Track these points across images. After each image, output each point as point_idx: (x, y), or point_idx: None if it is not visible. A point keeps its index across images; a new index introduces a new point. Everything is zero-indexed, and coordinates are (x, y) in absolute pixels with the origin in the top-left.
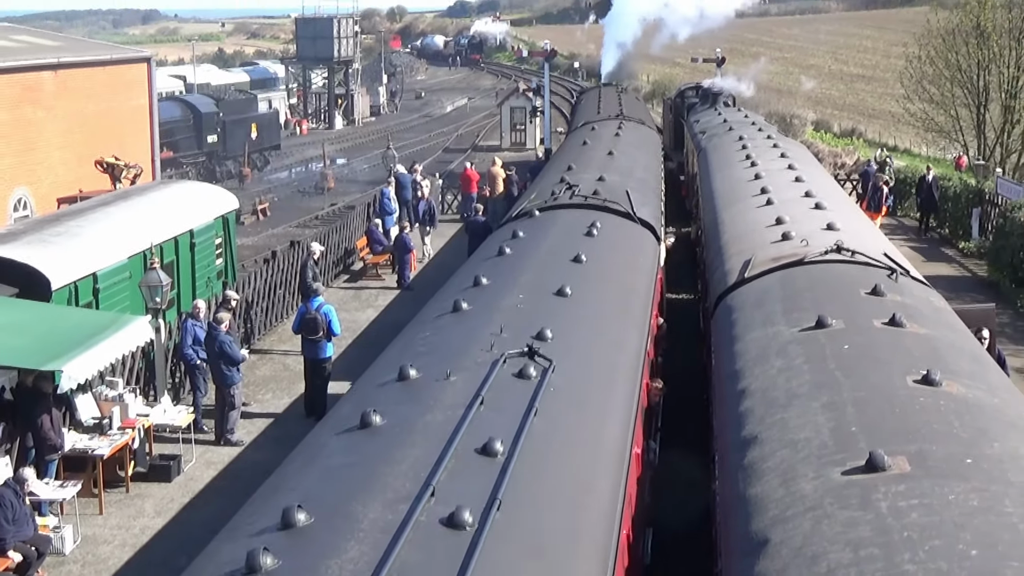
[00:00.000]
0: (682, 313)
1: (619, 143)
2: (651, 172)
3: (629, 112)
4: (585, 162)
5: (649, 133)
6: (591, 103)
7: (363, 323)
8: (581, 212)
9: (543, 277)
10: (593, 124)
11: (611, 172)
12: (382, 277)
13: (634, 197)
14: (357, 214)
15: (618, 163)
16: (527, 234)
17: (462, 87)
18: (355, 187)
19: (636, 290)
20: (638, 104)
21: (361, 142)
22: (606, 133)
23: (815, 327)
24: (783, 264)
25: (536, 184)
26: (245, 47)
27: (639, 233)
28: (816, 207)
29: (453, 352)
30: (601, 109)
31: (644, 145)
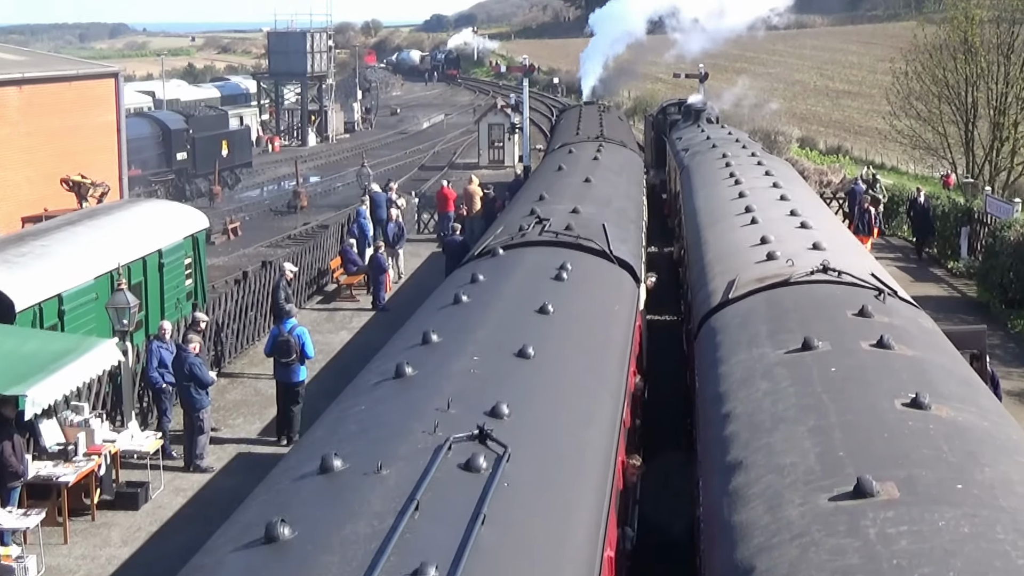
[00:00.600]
0: (665, 335)
1: (597, 168)
2: (631, 201)
3: (610, 133)
4: (559, 190)
5: (630, 156)
6: (570, 123)
7: (337, 345)
8: (551, 251)
9: (503, 333)
10: (571, 146)
11: (587, 202)
12: (356, 298)
13: (611, 232)
14: (331, 233)
15: (595, 192)
16: (488, 278)
17: (439, 103)
18: (329, 206)
19: (611, 345)
20: (620, 124)
21: (335, 160)
22: (584, 156)
23: (801, 349)
24: (768, 285)
25: (503, 216)
26: (216, 62)
27: (615, 275)
28: (802, 226)
29: (389, 433)
30: (580, 130)
31: (625, 170)
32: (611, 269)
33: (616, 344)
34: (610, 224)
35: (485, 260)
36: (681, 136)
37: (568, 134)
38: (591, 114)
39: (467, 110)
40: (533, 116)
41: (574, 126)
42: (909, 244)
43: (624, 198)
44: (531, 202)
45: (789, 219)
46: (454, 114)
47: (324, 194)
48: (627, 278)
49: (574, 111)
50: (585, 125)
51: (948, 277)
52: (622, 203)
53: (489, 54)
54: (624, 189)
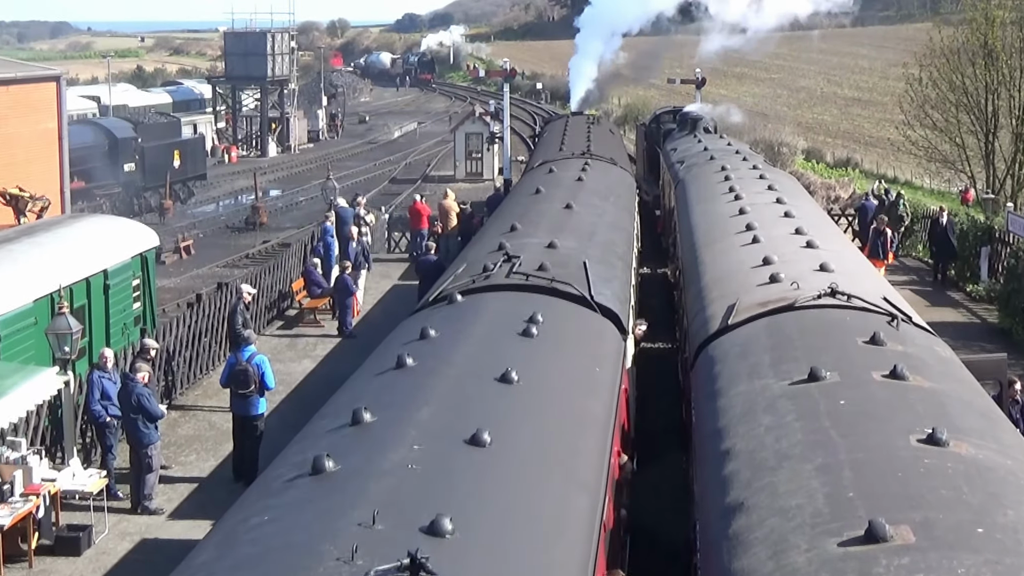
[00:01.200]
0: (658, 364)
1: (581, 191)
2: (620, 232)
3: (598, 149)
4: (534, 219)
5: (621, 176)
6: (554, 137)
7: (299, 375)
8: (520, 297)
9: (453, 412)
10: (552, 164)
11: (566, 234)
12: (321, 323)
13: (594, 272)
14: (293, 253)
15: (577, 221)
16: (441, 333)
17: (411, 110)
18: (291, 222)
19: (590, 422)
20: (611, 138)
21: (298, 171)
22: (567, 177)
23: (807, 380)
24: (771, 309)
25: (467, 251)
26: (167, 64)
27: (597, 326)
28: (808, 245)
29: (293, 562)
30: (565, 144)
31: (613, 192)
32: (592, 319)
33: (596, 421)
34: (593, 262)
35: (440, 309)
36: (676, 147)
37: (550, 150)
38: (578, 126)
39: (442, 118)
40: (514, 125)
41: (558, 140)
42: (925, 265)
43: (611, 228)
44: (500, 234)
45: (794, 238)
46: (428, 122)
47: (286, 209)
48: (611, 330)
49: (559, 123)
50: (571, 139)
51: (967, 301)
52: (608, 235)
53: (467, 57)
54: (612, 217)
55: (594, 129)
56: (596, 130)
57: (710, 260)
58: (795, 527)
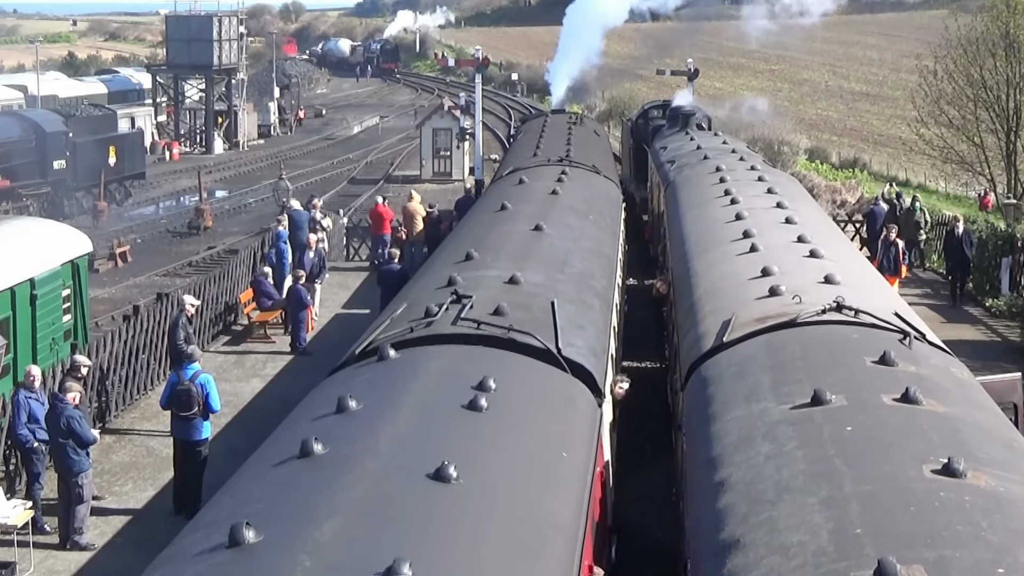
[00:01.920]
0: (645, 386)
1: (555, 208)
2: (600, 259)
3: (579, 154)
4: (495, 244)
5: (605, 187)
6: (529, 139)
7: (247, 396)
8: (468, 352)
9: (369, 526)
10: (523, 174)
11: (533, 265)
12: (272, 339)
13: (565, 315)
14: (241, 260)
15: (548, 246)
16: (364, 404)
17: (373, 103)
18: (239, 227)
19: (551, 530)
20: (596, 141)
21: (247, 170)
22: (539, 189)
23: (810, 404)
24: (771, 326)
25: (409, 287)
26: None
27: (566, 390)
28: (811, 255)
29: None
30: (541, 148)
31: (594, 209)
32: (559, 381)
33: (561, 528)
34: (564, 301)
35: (367, 368)
36: (666, 145)
37: (523, 155)
38: (557, 127)
39: (407, 112)
40: (487, 120)
41: (532, 143)
42: (940, 277)
43: (589, 256)
44: (451, 264)
45: (796, 247)
46: (391, 116)
47: (233, 212)
48: (583, 394)
49: (535, 122)
50: (548, 142)
51: (986, 317)
52: (585, 264)
53: (435, 44)
54: (591, 241)
55: (576, 130)
56: (578, 132)
57: (703, 271)
58: (796, 566)
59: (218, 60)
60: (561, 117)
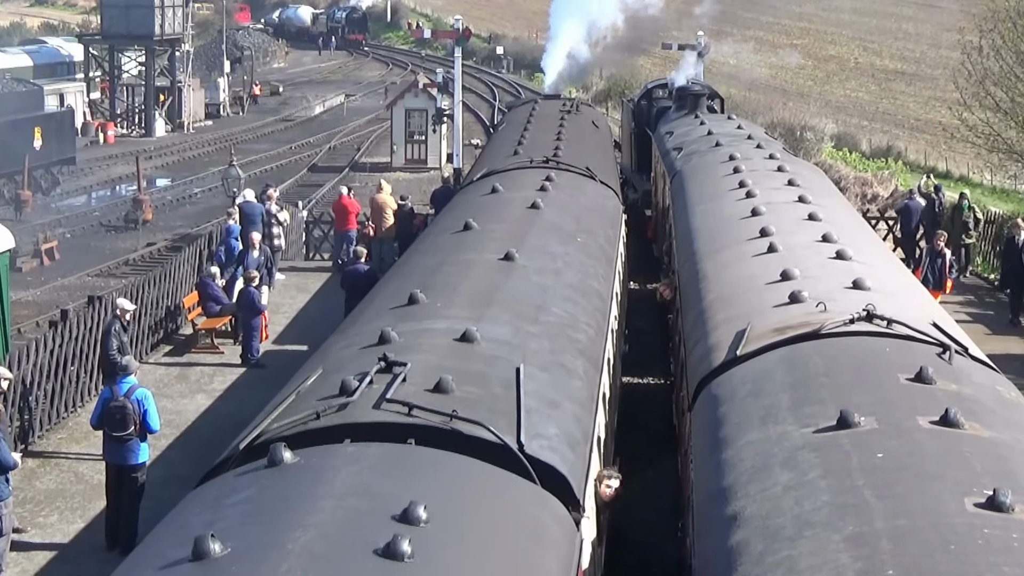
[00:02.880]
0: (646, 404)
1: (533, 227)
2: (587, 299)
3: (571, 152)
4: (450, 281)
5: (599, 197)
6: (511, 132)
7: (191, 415)
8: (394, 454)
9: None
10: (498, 180)
11: (496, 312)
12: (220, 349)
13: (532, 391)
14: (185, 259)
15: (519, 283)
16: (233, 545)
17: (337, 79)
18: (183, 220)
19: None
20: (593, 136)
21: (192, 156)
22: (515, 201)
23: (836, 427)
24: (791, 337)
25: (325, 348)
26: (27, 18)
27: (528, 506)
28: (837, 256)
29: None
30: (524, 144)
31: (585, 228)
32: (520, 494)
33: None
34: (534, 367)
35: (249, 477)
36: (673, 130)
37: (501, 153)
38: (547, 116)
39: (377, 90)
40: (468, 99)
41: (514, 138)
42: (984, 283)
43: (574, 295)
44: (387, 311)
45: (820, 247)
46: (358, 95)
47: (176, 204)
48: (554, 511)
49: (521, 111)
50: (533, 136)
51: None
52: (568, 308)
53: (408, 13)
54: (577, 274)
55: (570, 122)
56: (572, 123)
57: (714, 274)
58: None
59: (160, 29)
60: (553, 104)
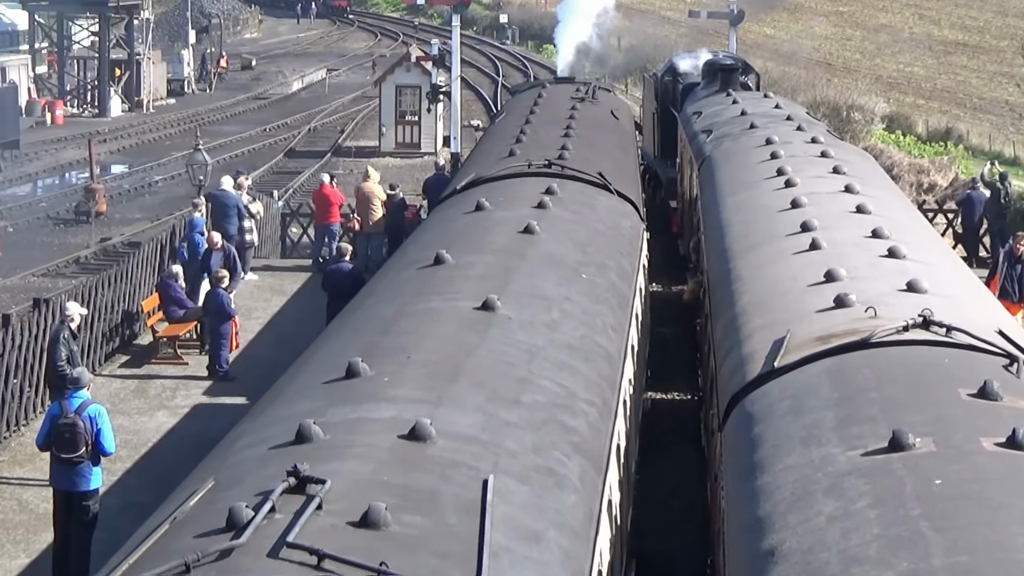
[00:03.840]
0: (671, 423)
1: (524, 262)
2: (593, 367)
3: (581, 154)
4: (403, 345)
5: (615, 216)
6: (510, 125)
7: (152, 436)
8: None
9: None
10: (485, 192)
11: (461, 392)
12: (183, 359)
13: (504, 522)
14: (145, 257)
15: (496, 347)
16: None
17: (318, 52)
18: (142, 212)
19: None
20: (612, 131)
21: (153, 139)
22: (504, 223)
23: (888, 449)
24: (836, 347)
25: (219, 453)
26: None
27: None
28: (889, 255)
29: None
30: (523, 142)
31: (595, 258)
32: None
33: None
34: (507, 479)
35: None
36: (702, 110)
37: (493, 154)
38: (556, 104)
39: (363, 64)
40: (468, 74)
41: (513, 133)
42: None
43: (572, 358)
44: (317, 386)
45: (869, 243)
46: (342, 70)
47: (134, 193)
48: None
49: (525, 97)
50: (537, 131)
51: None
52: (564, 378)
53: None
54: (578, 327)
55: (583, 112)
56: (586, 113)
57: (748, 274)
58: None
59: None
60: (564, 89)
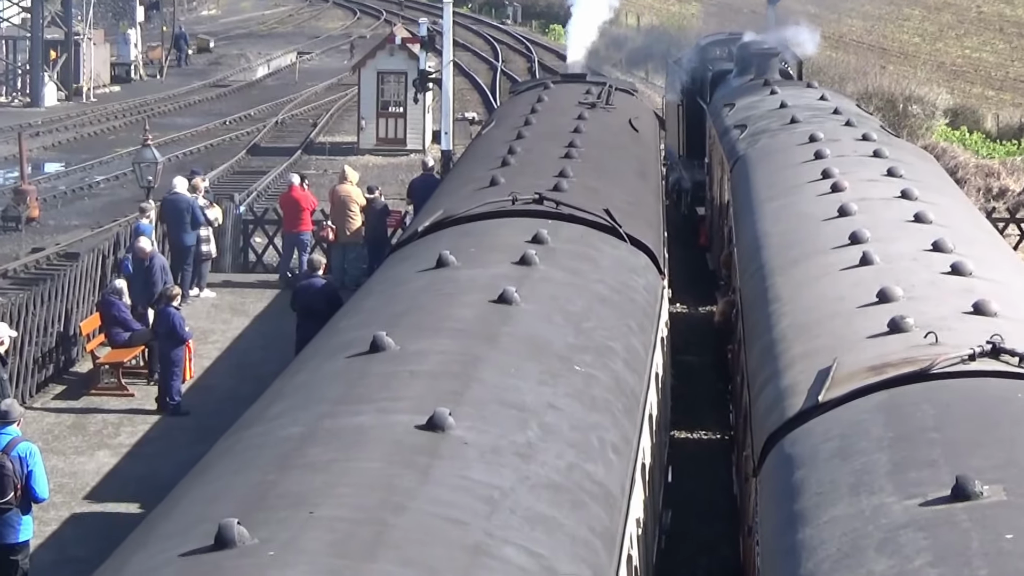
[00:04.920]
0: (698, 467)
1: (493, 352)
2: (578, 526)
3: (583, 182)
4: (304, 498)
5: (623, 269)
6: (496, 141)
7: (90, 478)
8: None
9: None
10: (452, 238)
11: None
12: (129, 390)
13: None
14: (84, 271)
15: (438, 500)
16: None
17: (287, 32)
18: (81, 218)
19: None
20: (629, 148)
21: (94, 132)
22: (472, 287)
23: (951, 498)
24: (891, 378)
25: None
26: None
27: None
28: (953, 271)
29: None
30: (510, 166)
31: (596, 339)
32: None
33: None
34: None
35: None
36: (734, 102)
37: (472, 180)
38: (559, 111)
39: (339, 46)
40: (462, 59)
41: (500, 152)
42: None
43: (551, 510)
44: (172, 561)
45: (930, 257)
46: (315, 53)
47: (72, 196)
48: None
49: (522, 101)
50: (529, 148)
51: None
52: (536, 547)
53: None
54: (563, 456)
55: (593, 122)
56: (597, 124)
57: (789, 293)
58: None
59: None
60: (572, 90)
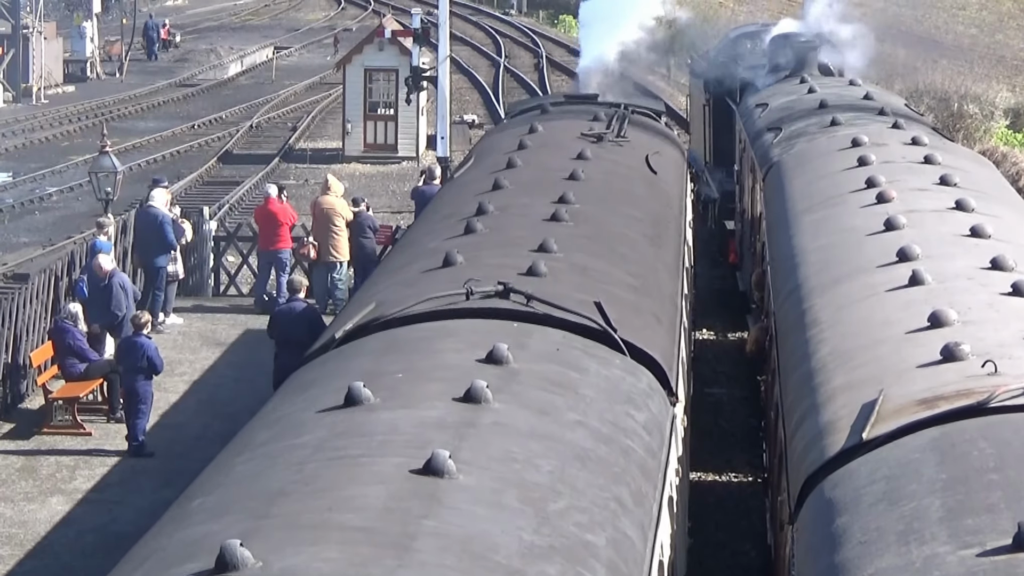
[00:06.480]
0: (727, 513)
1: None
2: None
3: (568, 266)
4: None
5: (618, 397)
6: (467, 193)
7: (41, 527)
8: None
9: None
10: (372, 357)
11: None
12: (86, 428)
13: None
14: (34, 293)
15: None
16: None
17: (262, 24)
18: (30, 234)
19: None
20: (645, 199)
21: (45, 138)
22: (396, 439)
23: (1012, 548)
24: (945, 412)
25: None
26: None
27: None
28: (1014, 291)
29: None
30: (474, 234)
31: (569, 517)
32: None
33: None
34: None
35: None
36: (767, 102)
37: (420, 259)
38: (552, 150)
39: (322, 40)
40: (460, 54)
41: (464, 213)
42: None
43: None
44: None
45: (988, 277)
46: (294, 48)
47: (20, 210)
48: None
49: (508, 134)
50: (503, 208)
51: None
52: None
53: None
54: None
55: (596, 164)
56: (601, 168)
57: (829, 317)
58: None
59: None
60: (576, 117)
